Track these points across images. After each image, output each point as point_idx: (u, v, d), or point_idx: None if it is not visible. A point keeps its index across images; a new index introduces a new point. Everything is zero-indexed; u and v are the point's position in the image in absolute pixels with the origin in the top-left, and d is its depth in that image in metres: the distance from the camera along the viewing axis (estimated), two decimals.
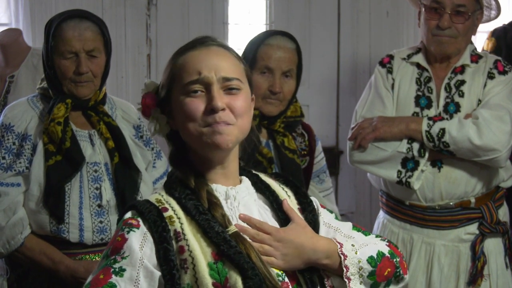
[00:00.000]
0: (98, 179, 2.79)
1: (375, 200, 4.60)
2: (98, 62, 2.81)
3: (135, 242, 1.68)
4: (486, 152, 3.06)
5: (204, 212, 1.72)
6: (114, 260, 1.68)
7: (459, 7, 3.10)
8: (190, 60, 1.77)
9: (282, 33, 3.01)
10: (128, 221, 1.72)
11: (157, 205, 1.74)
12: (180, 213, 1.73)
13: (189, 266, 1.68)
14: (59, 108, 2.74)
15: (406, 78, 3.26)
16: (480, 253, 3.18)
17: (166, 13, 4.34)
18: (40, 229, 2.75)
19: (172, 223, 1.71)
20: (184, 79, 1.76)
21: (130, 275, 1.66)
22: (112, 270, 1.66)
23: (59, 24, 2.77)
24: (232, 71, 1.78)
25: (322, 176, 3.16)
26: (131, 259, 1.67)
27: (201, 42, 1.80)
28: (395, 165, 3.17)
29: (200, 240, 1.70)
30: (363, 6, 4.59)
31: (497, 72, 3.18)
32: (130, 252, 1.67)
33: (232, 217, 1.77)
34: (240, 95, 1.77)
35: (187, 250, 1.68)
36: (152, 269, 1.68)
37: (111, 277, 1.65)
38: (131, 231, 1.70)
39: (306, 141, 3.10)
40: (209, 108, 1.72)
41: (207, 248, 1.69)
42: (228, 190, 1.80)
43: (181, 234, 1.70)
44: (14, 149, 2.76)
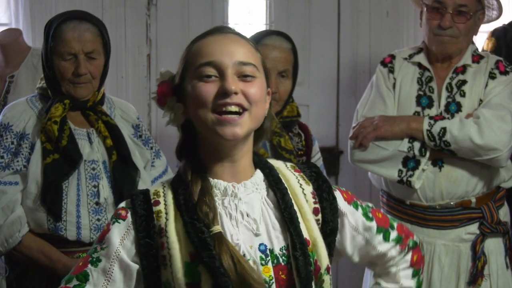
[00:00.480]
0: (96, 177, 2.81)
1: (375, 200, 4.58)
2: (97, 63, 2.83)
3: (116, 234, 1.72)
4: (487, 152, 3.07)
5: (190, 209, 1.71)
6: (94, 249, 1.74)
7: (461, 7, 3.11)
8: (205, 45, 1.75)
9: (277, 33, 3.04)
10: (118, 211, 1.76)
11: (152, 198, 1.75)
12: (170, 208, 1.73)
13: (167, 263, 1.70)
14: (56, 107, 2.77)
15: (407, 77, 3.27)
16: (480, 253, 3.18)
17: (166, 13, 4.33)
18: (38, 227, 2.76)
19: (158, 219, 1.72)
20: (197, 62, 1.73)
21: (103, 266, 1.71)
22: (90, 259, 1.73)
23: (59, 25, 2.79)
24: (248, 57, 1.74)
25: None
26: (108, 250, 1.72)
27: (218, 29, 1.79)
28: (396, 164, 3.17)
29: (181, 238, 1.70)
30: (363, 6, 4.58)
31: (498, 72, 3.19)
32: (109, 243, 1.72)
33: (225, 214, 1.74)
34: (255, 83, 1.74)
35: (166, 247, 1.70)
36: (129, 262, 1.71)
37: (87, 266, 1.73)
38: (116, 222, 1.74)
39: (303, 141, 3.10)
40: (221, 92, 1.69)
41: (185, 247, 1.69)
42: (228, 187, 1.77)
43: (164, 230, 1.71)
44: (12, 148, 2.78)
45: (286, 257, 1.76)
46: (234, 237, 1.73)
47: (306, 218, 1.81)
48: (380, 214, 1.99)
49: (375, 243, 1.95)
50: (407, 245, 2.01)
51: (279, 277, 1.74)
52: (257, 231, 1.76)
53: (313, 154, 3.13)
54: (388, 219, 2.01)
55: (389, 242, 1.97)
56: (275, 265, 1.75)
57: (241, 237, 1.73)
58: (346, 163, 4.43)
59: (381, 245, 1.96)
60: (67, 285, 1.73)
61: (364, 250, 1.96)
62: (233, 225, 1.75)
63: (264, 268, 1.73)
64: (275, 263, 1.75)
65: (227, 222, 1.74)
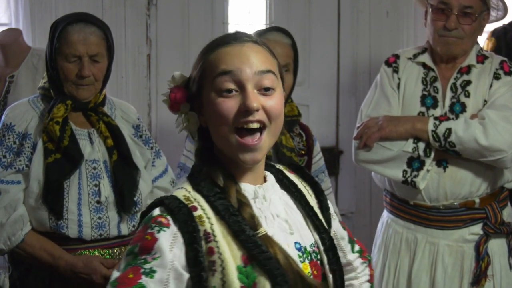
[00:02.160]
0: (97, 176, 2.83)
1: (375, 200, 4.60)
2: (101, 66, 2.85)
3: (165, 243, 1.64)
4: (492, 153, 3.06)
5: (234, 213, 1.68)
6: (144, 261, 1.63)
7: (466, 8, 3.10)
8: (223, 56, 1.71)
9: (277, 29, 3.07)
10: (157, 219, 1.67)
11: (186, 203, 1.69)
12: (209, 213, 1.69)
13: (217, 268, 1.65)
14: (58, 108, 2.79)
15: (412, 77, 3.26)
16: (484, 253, 3.18)
17: (166, 13, 4.33)
18: (40, 226, 2.78)
19: (202, 223, 1.67)
20: (215, 72, 1.70)
21: (160, 277, 1.62)
22: (142, 270, 1.61)
23: (65, 26, 2.80)
24: (267, 64, 1.72)
25: (321, 176, 3.18)
26: (162, 260, 1.62)
27: (234, 38, 1.75)
28: (401, 164, 3.16)
29: (230, 242, 1.66)
30: (363, 6, 4.59)
31: (503, 73, 3.19)
32: (161, 253, 1.63)
33: (261, 217, 1.74)
34: (275, 95, 1.72)
35: (216, 252, 1.65)
36: (182, 271, 1.64)
37: (141, 278, 1.60)
38: (162, 231, 1.65)
39: (304, 141, 3.11)
40: (243, 109, 1.67)
41: (238, 251, 1.66)
42: (256, 189, 1.77)
43: (211, 235, 1.66)
44: (14, 148, 2.80)
45: (316, 253, 1.80)
46: (275, 238, 1.72)
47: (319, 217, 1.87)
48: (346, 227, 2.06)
49: (346, 251, 2.01)
50: (367, 259, 2.08)
51: (313, 273, 1.77)
52: (291, 230, 1.78)
53: (314, 154, 3.14)
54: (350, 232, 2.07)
55: (354, 253, 2.04)
56: (310, 261, 1.78)
57: (279, 237, 1.73)
58: (346, 163, 4.44)
59: (350, 254, 2.02)
60: None
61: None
62: (269, 226, 1.74)
63: (303, 265, 1.75)
64: (310, 260, 1.78)
65: (264, 224, 1.73)
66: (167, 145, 3.99)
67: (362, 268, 2.06)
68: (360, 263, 2.05)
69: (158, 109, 4.32)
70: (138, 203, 2.87)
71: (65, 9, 4.07)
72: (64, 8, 4.09)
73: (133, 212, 2.86)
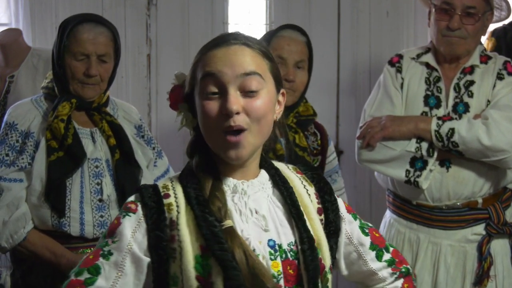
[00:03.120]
0: (99, 175, 2.85)
1: (375, 200, 4.60)
2: (107, 67, 2.90)
3: (127, 228, 1.72)
4: (495, 153, 3.06)
5: (201, 203, 1.72)
6: (106, 243, 1.74)
7: (470, 9, 3.10)
8: (209, 58, 1.74)
9: (292, 27, 3.09)
10: (128, 205, 1.76)
11: (161, 191, 1.76)
12: (181, 201, 1.74)
13: (177, 256, 1.70)
14: (64, 106, 2.81)
15: (415, 77, 3.26)
16: (486, 253, 3.18)
17: (166, 13, 4.32)
18: (42, 224, 2.80)
19: (170, 211, 1.73)
20: (200, 75, 1.73)
21: (115, 259, 1.71)
22: (101, 252, 1.72)
23: (75, 25, 2.83)
24: (252, 65, 1.72)
25: (334, 176, 3.18)
26: (120, 243, 1.71)
27: (223, 41, 1.75)
28: (404, 164, 3.17)
29: (192, 231, 1.70)
30: (363, 6, 4.59)
31: (506, 73, 3.19)
32: (120, 237, 1.72)
33: (235, 211, 1.76)
34: (259, 97, 1.72)
35: (177, 240, 1.70)
36: (140, 256, 1.71)
37: (98, 259, 1.72)
38: (127, 216, 1.74)
39: (319, 140, 3.11)
40: (224, 112, 1.68)
41: (197, 240, 1.69)
42: (237, 184, 1.79)
43: (175, 223, 1.71)
44: (17, 146, 2.82)
45: (294, 253, 1.79)
46: (245, 232, 1.74)
47: (311, 217, 1.84)
48: (377, 234, 2.01)
49: (367, 259, 1.96)
50: (399, 270, 2.00)
51: (287, 272, 1.76)
52: (266, 227, 1.78)
53: (328, 154, 3.14)
54: (385, 241, 2.02)
55: (381, 262, 1.98)
56: (283, 260, 1.77)
57: (251, 233, 1.75)
58: (346, 163, 4.44)
59: (373, 262, 1.97)
60: (78, 277, 1.71)
61: (356, 264, 1.97)
62: (243, 220, 1.76)
63: (273, 263, 1.75)
64: (283, 258, 1.77)
65: (237, 218, 1.76)
66: (167, 145, 3.98)
67: (391, 279, 2.00)
68: (388, 273, 1.99)
69: (158, 109, 4.31)
70: None
71: (65, 9, 4.08)
72: (64, 8, 4.08)
73: None
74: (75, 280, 1.71)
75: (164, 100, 1.94)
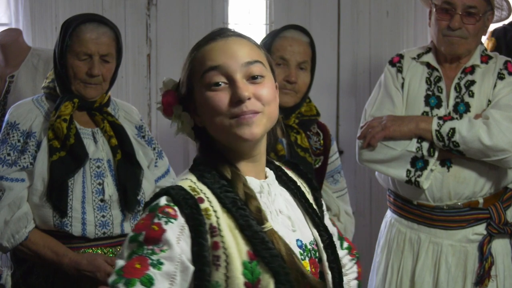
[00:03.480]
0: (101, 175, 2.85)
1: (375, 200, 4.61)
2: (109, 67, 2.89)
3: (172, 235, 1.61)
4: (496, 153, 3.06)
5: (241, 207, 1.67)
6: (152, 251, 1.60)
7: (470, 8, 3.10)
8: (209, 51, 1.72)
9: (295, 27, 3.06)
10: (165, 209, 1.64)
11: (193, 194, 1.67)
12: (216, 205, 1.67)
13: (221, 263, 1.64)
14: (66, 106, 2.81)
15: (416, 77, 3.26)
16: (487, 253, 3.17)
17: (166, 13, 4.33)
18: (44, 224, 2.79)
19: (208, 216, 1.65)
20: (203, 69, 1.71)
21: (167, 269, 1.59)
22: (149, 261, 1.59)
23: (78, 25, 2.83)
24: (253, 55, 1.73)
25: (337, 176, 3.17)
26: (171, 253, 1.60)
27: (218, 34, 1.75)
28: (405, 164, 3.16)
29: (236, 236, 1.65)
30: (363, 6, 4.59)
31: (507, 73, 3.18)
32: (169, 246, 1.60)
33: (267, 212, 1.72)
34: (264, 83, 1.72)
35: (221, 246, 1.64)
36: (188, 264, 1.62)
37: (148, 269, 1.58)
38: (169, 222, 1.62)
39: (321, 140, 3.10)
40: (235, 99, 1.66)
41: (244, 246, 1.64)
42: (262, 184, 1.76)
43: (217, 229, 1.65)
44: (19, 146, 2.82)
45: (315, 251, 1.79)
46: (280, 233, 1.71)
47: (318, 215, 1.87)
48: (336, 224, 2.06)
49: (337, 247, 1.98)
50: (355, 256, 2.09)
51: (311, 270, 1.76)
52: (293, 227, 1.77)
53: (331, 154, 3.13)
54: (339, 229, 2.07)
55: (343, 249, 2.03)
56: (309, 259, 1.77)
57: (283, 234, 1.72)
58: (346, 163, 4.43)
59: (339, 250, 1.98)
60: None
61: None
62: (274, 221, 1.73)
63: (304, 263, 1.74)
64: (309, 257, 1.77)
65: (270, 219, 1.72)
66: (167, 144, 3.97)
67: (351, 265, 2.07)
68: (348, 260, 2.06)
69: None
70: (141, 202, 2.88)
71: (65, 9, 4.08)
72: (64, 8, 4.09)
73: (136, 211, 2.87)
74: None
75: None
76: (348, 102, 4.61)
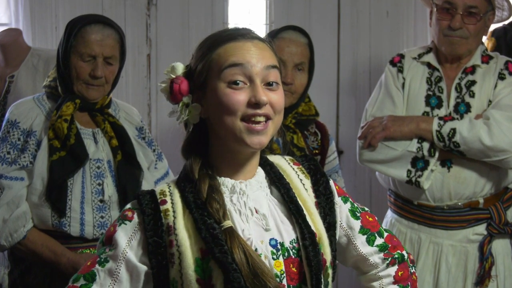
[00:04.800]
0: (101, 175, 2.86)
1: (375, 200, 4.60)
2: (113, 69, 2.91)
3: (122, 236, 1.74)
4: (497, 153, 3.06)
5: (200, 206, 1.72)
6: (103, 250, 1.76)
7: (471, 8, 3.10)
8: (233, 50, 1.74)
9: (294, 28, 3.07)
10: (125, 213, 1.78)
11: (158, 197, 1.76)
12: (178, 206, 1.74)
13: (175, 260, 1.70)
14: (68, 106, 2.82)
15: (416, 77, 3.26)
16: (488, 253, 3.18)
17: (166, 13, 4.32)
18: (42, 223, 2.80)
19: (166, 217, 1.73)
20: (225, 64, 1.72)
21: (110, 267, 1.73)
22: (98, 259, 1.75)
23: (83, 26, 2.84)
24: (273, 60, 1.77)
25: (334, 176, 3.18)
26: (115, 251, 1.74)
27: (242, 34, 1.77)
28: (405, 164, 3.17)
29: (191, 235, 1.71)
30: (363, 6, 4.59)
31: (508, 73, 3.19)
32: (116, 244, 1.74)
33: (235, 211, 1.76)
34: (279, 91, 1.76)
35: (175, 245, 1.71)
36: (136, 263, 1.73)
37: (94, 266, 1.75)
38: (123, 224, 1.76)
39: (319, 140, 3.11)
40: (254, 102, 1.70)
41: (196, 243, 1.70)
42: (235, 184, 1.79)
43: (172, 228, 1.72)
44: (19, 144, 2.83)
45: (297, 250, 1.78)
46: (246, 232, 1.74)
47: (311, 212, 1.83)
48: (371, 218, 1.96)
49: (357, 243, 1.93)
50: (392, 256, 1.96)
51: (290, 270, 1.75)
52: (267, 226, 1.77)
53: (328, 153, 3.14)
54: (379, 226, 1.98)
55: (373, 246, 1.94)
56: (286, 258, 1.76)
57: (252, 233, 1.75)
58: (346, 163, 4.43)
59: (364, 246, 1.94)
60: (74, 284, 1.74)
61: (347, 249, 1.95)
62: (243, 220, 1.76)
63: (275, 262, 1.74)
64: (286, 256, 1.76)
65: (237, 218, 1.76)
66: (167, 144, 3.98)
67: (384, 266, 1.96)
68: (380, 259, 1.95)
69: (158, 109, 4.31)
70: None
71: (65, 9, 4.08)
72: (64, 8, 4.08)
73: None
74: (71, 286, 1.75)
75: (164, 100, 1.85)
76: (348, 102, 4.61)
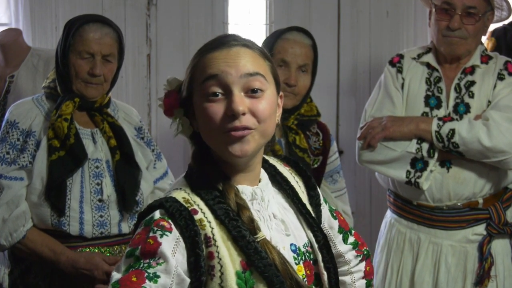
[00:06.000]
0: (99, 175, 2.87)
1: (375, 200, 4.60)
2: (111, 67, 2.91)
3: (168, 248, 1.61)
4: (496, 154, 3.06)
5: (234, 218, 1.67)
6: (148, 265, 1.60)
7: (470, 9, 3.10)
8: (210, 61, 1.68)
9: (298, 29, 3.06)
10: (160, 223, 1.64)
11: (187, 206, 1.67)
12: (209, 216, 1.67)
13: (216, 273, 1.64)
14: (67, 105, 2.83)
15: (416, 77, 3.26)
16: (487, 254, 3.18)
17: (166, 13, 4.32)
18: (41, 223, 2.81)
19: (203, 227, 1.65)
20: (202, 77, 1.68)
21: (164, 282, 1.59)
22: (146, 274, 1.59)
23: (82, 25, 2.85)
24: (255, 66, 1.68)
25: (335, 176, 3.18)
26: (166, 266, 1.60)
27: (223, 43, 1.71)
28: (404, 165, 3.16)
29: (230, 247, 1.65)
30: (363, 6, 4.59)
31: (507, 74, 3.18)
32: (165, 259, 1.60)
33: (260, 219, 1.72)
34: (263, 98, 1.68)
35: (216, 257, 1.64)
36: (184, 277, 1.63)
37: (144, 282, 1.57)
38: (164, 235, 1.62)
39: (321, 140, 3.11)
40: (229, 113, 1.63)
41: (237, 256, 1.64)
42: (254, 191, 1.75)
43: (211, 239, 1.65)
44: (18, 145, 2.83)
45: (309, 253, 1.79)
46: (273, 240, 1.72)
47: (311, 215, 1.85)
48: (342, 217, 2.02)
49: (336, 242, 1.97)
50: (362, 253, 2.04)
51: (306, 273, 1.76)
52: (286, 231, 1.76)
53: (330, 154, 3.14)
54: (348, 224, 2.04)
55: (347, 244, 2.00)
56: (304, 263, 1.76)
57: (277, 240, 1.73)
58: (346, 163, 4.43)
59: (341, 245, 1.98)
60: None
61: None
62: (268, 227, 1.74)
63: (297, 267, 1.74)
64: (303, 260, 1.77)
65: (263, 226, 1.72)
66: (167, 145, 3.98)
67: (356, 262, 2.03)
68: (353, 256, 2.02)
69: (158, 109, 4.29)
70: (139, 203, 2.90)
71: (65, 9, 4.08)
72: (64, 8, 4.09)
73: (134, 211, 2.89)
74: None
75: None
76: (348, 102, 4.61)
